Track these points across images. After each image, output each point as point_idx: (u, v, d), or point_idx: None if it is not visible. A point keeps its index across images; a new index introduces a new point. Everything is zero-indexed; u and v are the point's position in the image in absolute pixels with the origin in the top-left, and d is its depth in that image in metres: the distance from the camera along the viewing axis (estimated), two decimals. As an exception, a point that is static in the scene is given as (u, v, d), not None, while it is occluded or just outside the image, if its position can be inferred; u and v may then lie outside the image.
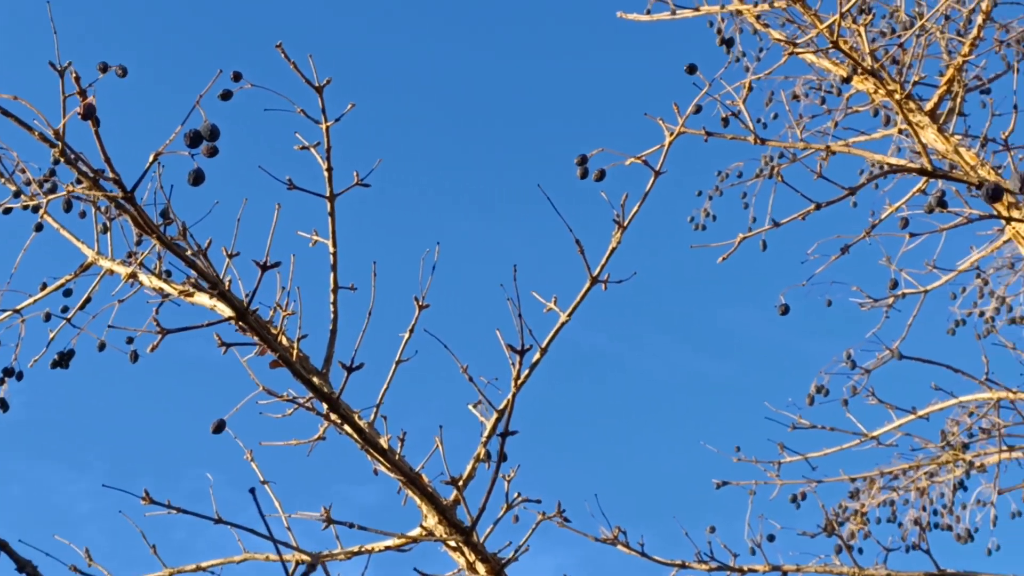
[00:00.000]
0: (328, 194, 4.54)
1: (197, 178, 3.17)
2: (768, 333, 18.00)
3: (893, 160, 6.20)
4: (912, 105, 7.47)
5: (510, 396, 3.84)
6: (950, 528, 9.08)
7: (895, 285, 7.61)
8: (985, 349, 8.23)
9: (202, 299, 5.35)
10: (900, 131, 7.87)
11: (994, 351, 9.57)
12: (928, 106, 7.67)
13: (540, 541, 4.35)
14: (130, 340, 5.84)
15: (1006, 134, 4.09)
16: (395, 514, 4.47)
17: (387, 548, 4.29)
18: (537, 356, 4.14)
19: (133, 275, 5.61)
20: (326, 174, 4.55)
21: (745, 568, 6.92)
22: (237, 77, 4.26)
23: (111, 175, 3.00)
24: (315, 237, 4.64)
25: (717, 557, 6.84)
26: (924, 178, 6.32)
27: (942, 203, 4.98)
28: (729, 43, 7.42)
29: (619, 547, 6.55)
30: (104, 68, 4.14)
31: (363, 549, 4.37)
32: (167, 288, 5.48)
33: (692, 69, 4.46)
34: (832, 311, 8.25)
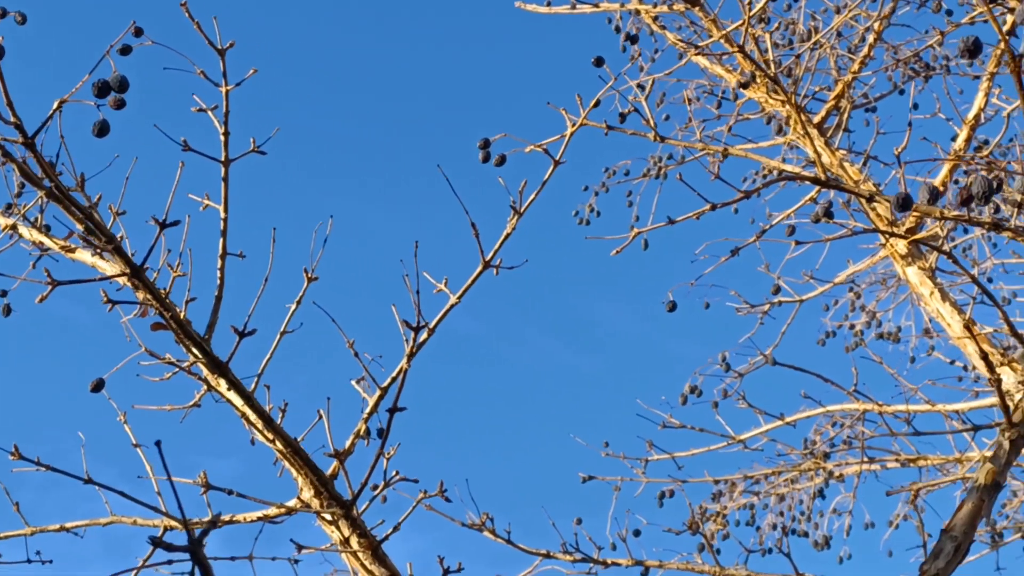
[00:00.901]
0: (223, 159, 4.48)
1: (102, 129, 3.10)
2: (644, 332, 18.18)
3: (789, 167, 6.30)
4: (803, 117, 7.59)
5: (401, 370, 3.83)
6: (806, 535, 9.26)
7: (778, 290, 7.74)
8: (854, 362, 8.41)
9: (83, 256, 5.26)
10: (789, 143, 7.99)
11: (863, 364, 9.78)
12: (816, 119, 7.80)
13: (406, 524, 4.35)
14: (3, 293, 5.72)
15: (899, 150, 4.17)
16: (254, 490, 4.43)
17: (260, 519, 4.25)
18: (425, 336, 4.14)
19: (13, 227, 5.49)
20: (222, 138, 4.49)
21: (608, 561, 6.99)
22: (138, 32, 4.19)
23: (12, 119, 2.93)
24: (207, 202, 4.58)
25: (582, 549, 6.90)
26: (816, 187, 6.43)
27: (828, 214, 5.07)
28: (634, 39, 7.47)
29: (486, 533, 6.58)
30: (3, 14, 4.05)
31: (235, 519, 4.33)
32: (48, 242, 5.38)
33: (599, 62, 4.49)
34: (709, 314, 8.36)
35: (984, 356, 3.04)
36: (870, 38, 8.26)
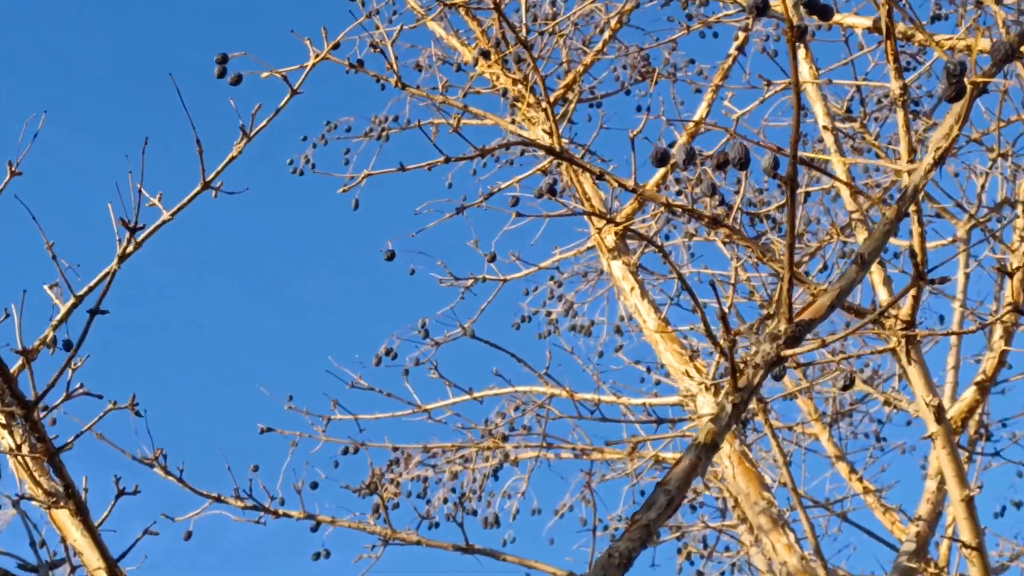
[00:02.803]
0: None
1: None
2: (349, 291, 18.09)
3: (526, 133, 6.31)
4: (533, 99, 7.66)
5: (110, 272, 3.63)
6: (475, 513, 9.32)
7: (494, 258, 7.75)
8: (549, 347, 8.51)
9: None
10: (514, 120, 8.03)
11: (556, 353, 9.92)
12: (544, 105, 7.86)
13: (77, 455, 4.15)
14: None
15: (634, 133, 4.22)
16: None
17: (-78, 417, 3.97)
18: (131, 248, 3.94)
19: None
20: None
21: (279, 512, 6.89)
22: None
23: None
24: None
25: (255, 496, 6.78)
26: (546, 160, 6.48)
27: (552, 190, 5.10)
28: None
29: (157, 470, 6.36)
30: None
31: None
32: None
33: (356, -6, 4.38)
34: (415, 281, 8.31)
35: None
36: (606, 34, 8.40)
